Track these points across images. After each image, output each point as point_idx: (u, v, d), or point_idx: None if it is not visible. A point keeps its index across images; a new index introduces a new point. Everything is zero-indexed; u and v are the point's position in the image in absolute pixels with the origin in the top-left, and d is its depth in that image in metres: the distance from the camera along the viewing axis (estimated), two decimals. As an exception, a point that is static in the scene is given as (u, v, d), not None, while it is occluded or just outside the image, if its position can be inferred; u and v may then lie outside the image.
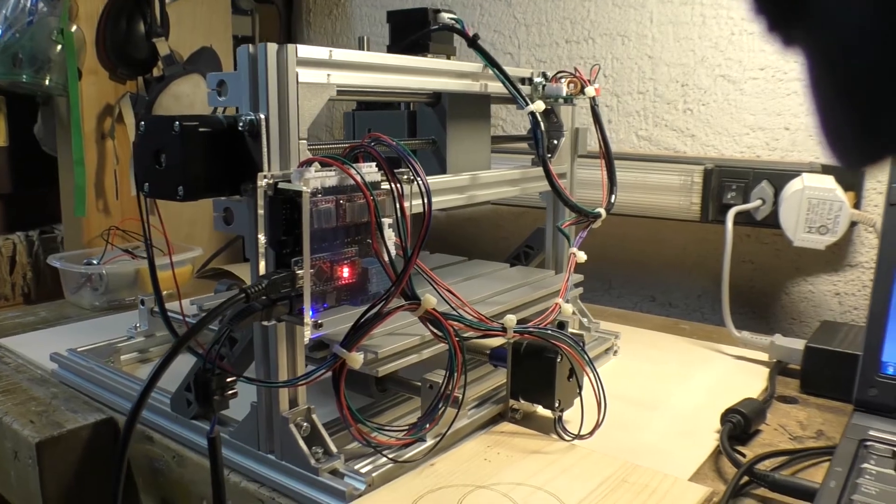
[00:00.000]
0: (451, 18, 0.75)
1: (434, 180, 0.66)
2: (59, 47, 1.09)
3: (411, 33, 0.76)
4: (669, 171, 1.01)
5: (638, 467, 0.57)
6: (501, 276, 0.82)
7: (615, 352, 0.87)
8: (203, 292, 1.07)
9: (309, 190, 0.49)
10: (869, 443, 0.60)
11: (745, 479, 0.58)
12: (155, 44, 1.17)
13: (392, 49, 0.78)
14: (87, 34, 1.14)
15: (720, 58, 1.07)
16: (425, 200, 0.54)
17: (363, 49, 1.15)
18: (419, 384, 0.62)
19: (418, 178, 0.53)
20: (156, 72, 1.21)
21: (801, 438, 0.68)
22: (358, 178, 0.50)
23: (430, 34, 0.75)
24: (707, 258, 1.11)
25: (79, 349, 0.81)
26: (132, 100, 1.17)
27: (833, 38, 0.26)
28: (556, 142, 0.84)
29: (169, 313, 0.78)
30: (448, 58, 0.79)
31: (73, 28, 1.11)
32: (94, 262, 1.08)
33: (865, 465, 0.56)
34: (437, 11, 0.76)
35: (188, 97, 1.18)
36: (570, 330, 0.76)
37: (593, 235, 0.79)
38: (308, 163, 0.51)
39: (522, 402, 0.67)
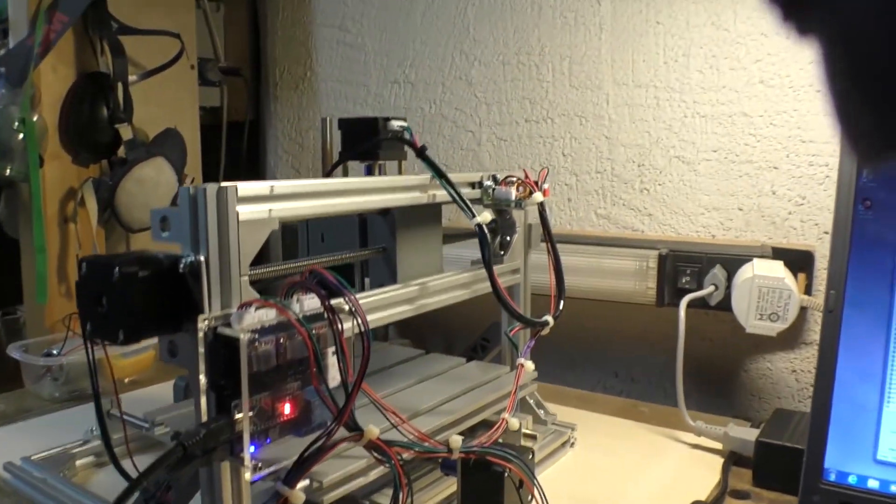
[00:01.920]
0: (401, 127, 0.77)
1: (381, 297, 0.67)
2: (20, 136, 1.09)
3: (362, 140, 0.78)
4: (624, 256, 1.03)
5: (583, 592, 0.57)
6: (456, 376, 0.83)
7: (572, 444, 0.87)
8: (167, 378, 1.07)
9: (246, 337, 0.49)
10: (812, 556, 0.61)
11: None
12: (118, 129, 1.18)
13: (344, 156, 0.79)
14: (50, 120, 1.15)
15: (675, 139, 1.10)
16: (364, 334, 0.54)
17: (326, 129, 1.17)
18: None
19: (358, 319, 0.54)
20: (121, 152, 1.22)
21: (751, 543, 0.69)
22: (296, 323, 0.51)
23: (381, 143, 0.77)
24: (667, 336, 1.12)
25: (33, 457, 0.80)
26: (94, 185, 1.18)
27: (849, 27, 0.25)
28: (508, 238, 0.85)
29: (124, 416, 0.79)
30: (399, 162, 0.81)
31: (35, 117, 1.11)
32: (55, 351, 1.07)
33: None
34: (388, 119, 0.77)
35: (152, 180, 1.19)
36: (523, 434, 0.77)
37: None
38: (248, 304, 0.52)
39: (474, 513, 0.67)
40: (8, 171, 1.09)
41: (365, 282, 0.84)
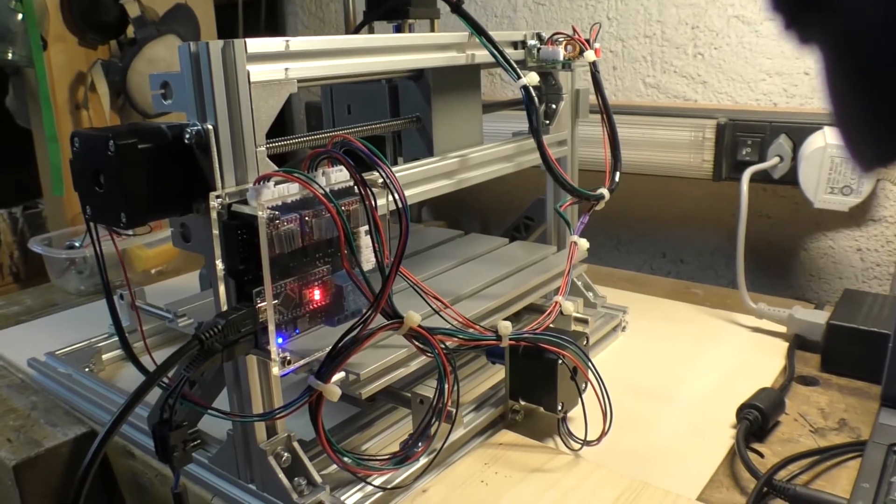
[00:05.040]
0: (432, -21, 0.68)
1: (418, 169, 0.60)
2: (19, 16, 1.01)
3: (389, -2, 0.69)
4: (679, 126, 0.93)
5: (647, 487, 0.53)
6: (499, 257, 0.77)
7: (623, 328, 0.82)
8: (195, 267, 1.03)
9: (266, 215, 0.43)
10: (899, 446, 0.55)
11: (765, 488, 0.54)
12: (123, 5, 1.09)
13: (369, 16, 0.70)
14: (50, -1, 1.07)
15: (734, -5, 0.98)
16: (402, 209, 0.48)
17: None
18: (409, 395, 0.58)
19: (394, 193, 0.47)
20: (130, 33, 1.14)
21: (823, 431, 0.63)
22: (323, 196, 0.45)
23: (410, -1, 0.67)
24: (720, 213, 1.04)
25: (58, 352, 0.77)
26: (104, 67, 1.10)
27: (850, 35, 0.25)
28: (554, 106, 0.77)
29: (145, 306, 0.74)
30: (432, 22, 0.72)
31: (33, -6, 1.03)
32: (77, 244, 1.03)
33: (896, 477, 0.52)
34: (417, -28, 0.68)
35: (164, 61, 1.10)
36: (573, 318, 0.71)
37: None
38: (266, 177, 0.45)
39: (523, 402, 0.63)
40: (10, 54, 1.02)
41: (398, 158, 0.77)
